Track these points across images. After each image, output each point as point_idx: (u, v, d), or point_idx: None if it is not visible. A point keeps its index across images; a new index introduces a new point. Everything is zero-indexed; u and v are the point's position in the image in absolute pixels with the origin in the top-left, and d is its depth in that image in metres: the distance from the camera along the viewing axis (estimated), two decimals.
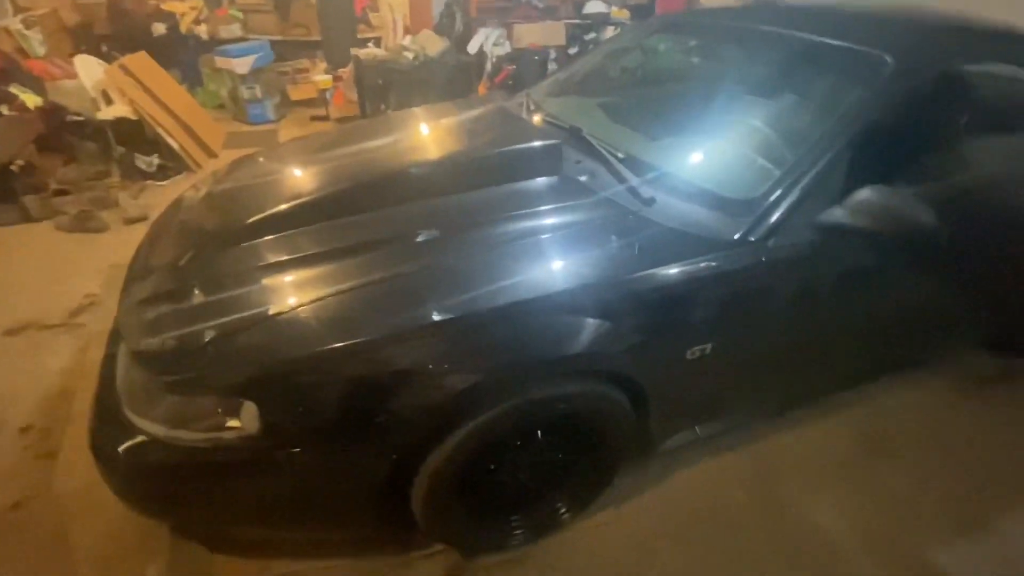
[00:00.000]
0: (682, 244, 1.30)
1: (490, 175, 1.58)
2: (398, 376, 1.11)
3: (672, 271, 1.25)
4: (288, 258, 1.33)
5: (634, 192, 1.44)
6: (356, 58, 3.96)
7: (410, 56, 3.81)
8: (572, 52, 4.12)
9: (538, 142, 1.70)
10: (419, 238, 1.35)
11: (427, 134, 2.03)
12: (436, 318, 1.12)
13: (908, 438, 1.93)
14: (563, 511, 1.48)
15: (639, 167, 1.53)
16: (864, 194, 1.29)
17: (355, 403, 1.11)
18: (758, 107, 1.61)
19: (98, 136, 3.72)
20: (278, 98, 5.22)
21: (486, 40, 3.95)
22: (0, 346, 2.28)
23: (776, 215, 1.33)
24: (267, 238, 1.42)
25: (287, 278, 1.28)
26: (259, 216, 1.49)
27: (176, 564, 1.45)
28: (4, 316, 2.42)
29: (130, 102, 3.67)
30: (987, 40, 1.74)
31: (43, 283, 2.69)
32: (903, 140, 1.56)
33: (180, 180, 3.74)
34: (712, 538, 1.58)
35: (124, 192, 3.48)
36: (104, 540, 1.51)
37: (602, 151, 1.59)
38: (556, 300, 1.19)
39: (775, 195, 1.34)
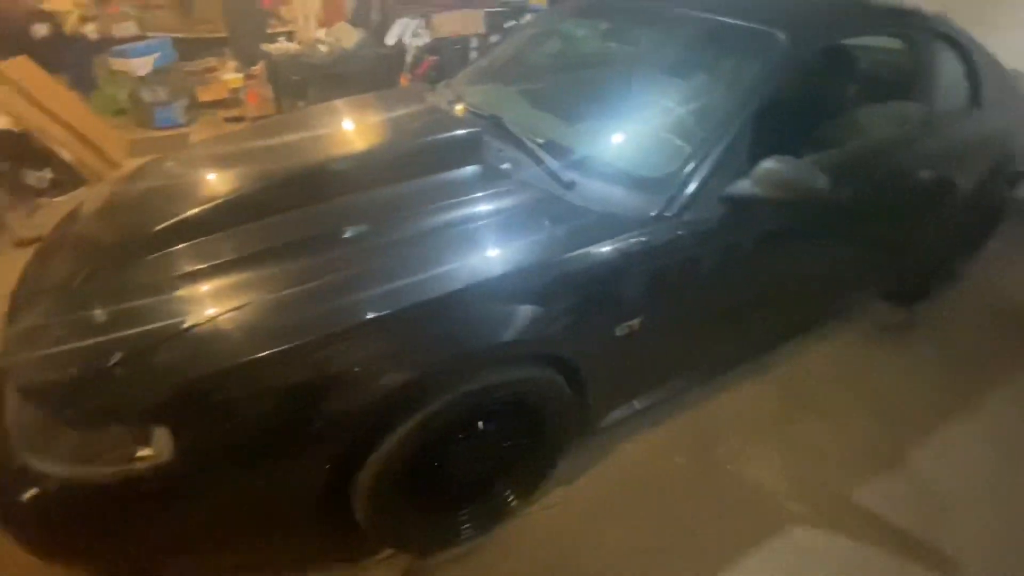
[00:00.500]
0: (603, 224, 1.33)
1: (413, 167, 1.55)
2: (330, 380, 1.07)
3: (595, 251, 1.28)
4: (204, 266, 1.25)
5: (555, 177, 1.46)
6: (267, 54, 3.76)
7: (325, 50, 3.66)
8: (493, 40, 4.09)
9: (459, 132, 1.68)
10: (346, 234, 1.30)
11: (347, 128, 1.96)
12: (367, 316, 1.09)
13: (827, 390, 2.09)
14: (511, 499, 1.49)
15: (559, 152, 1.55)
16: (767, 164, 1.37)
17: (283, 414, 1.06)
18: (668, 87, 1.67)
19: None
20: (187, 100, 4.88)
21: (405, 30, 3.85)
22: None
23: (688, 190, 1.38)
24: (178, 247, 1.32)
25: (203, 288, 1.20)
26: (167, 223, 1.38)
27: None
28: None
29: (12, 112, 3.31)
30: (871, 16, 1.88)
31: None
32: (800, 111, 1.67)
33: (80, 195, 3.43)
34: (657, 504, 1.65)
35: (13, 212, 3.15)
36: None
37: (522, 139, 1.60)
38: (485, 288, 1.19)
39: (686, 171, 1.40)
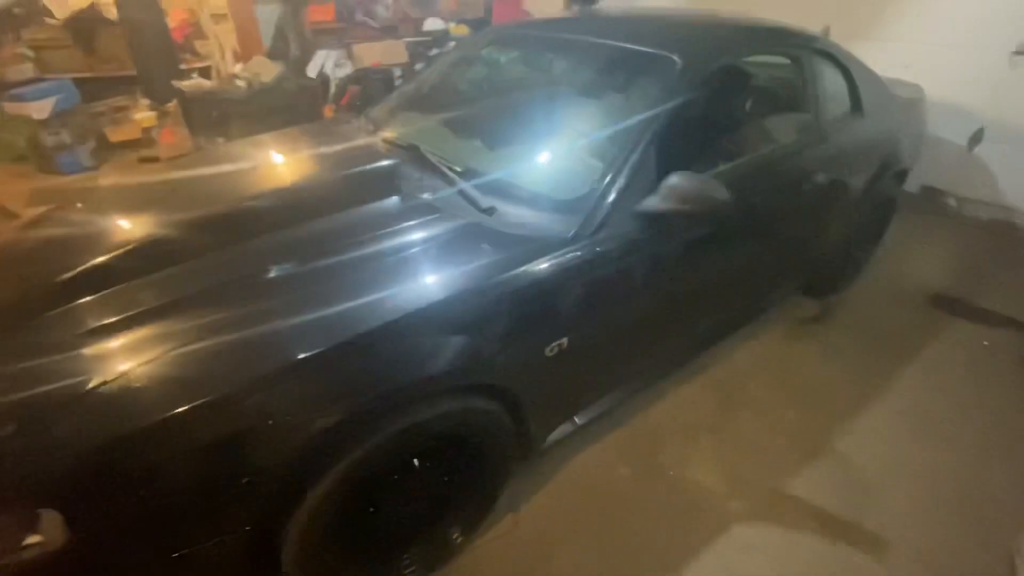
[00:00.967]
0: (523, 248, 1.35)
1: (331, 203, 1.52)
2: (248, 434, 1.01)
3: (517, 275, 1.29)
4: (114, 319, 1.16)
5: (475, 204, 1.47)
6: (180, 92, 3.62)
7: (242, 84, 3.56)
8: (418, 68, 4.13)
9: (376, 164, 1.67)
10: (257, 275, 1.26)
11: (265, 164, 1.90)
12: (285, 361, 1.05)
13: (757, 386, 2.19)
14: (456, 535, 1.46)
15: (478, 179, 1.57)
16: (671, 181, 1.44)
17: (196, 478, 0.99)
18: (579, 111, 1.73)
19: None
20: (94, 142, 4.60)
21: (326, 62, 3.81)
22: None
23: (602, 209, 1.43)
24: (85, 299, 1.23)
25: (112, 343, 1.11)
26: (71, 273, 1.28)
27: None
28: None
29: None
30: (757, 37, 2.04)
31: None
32: (703, 127, 1.78)
33: None
34: (606, 519, 1.66)
35: None
36: None
37: (441, 167, 1.61)
38: (406, 323, 1.17)
39: (599, 191, 1.45)
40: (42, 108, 4.03)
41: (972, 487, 1.80)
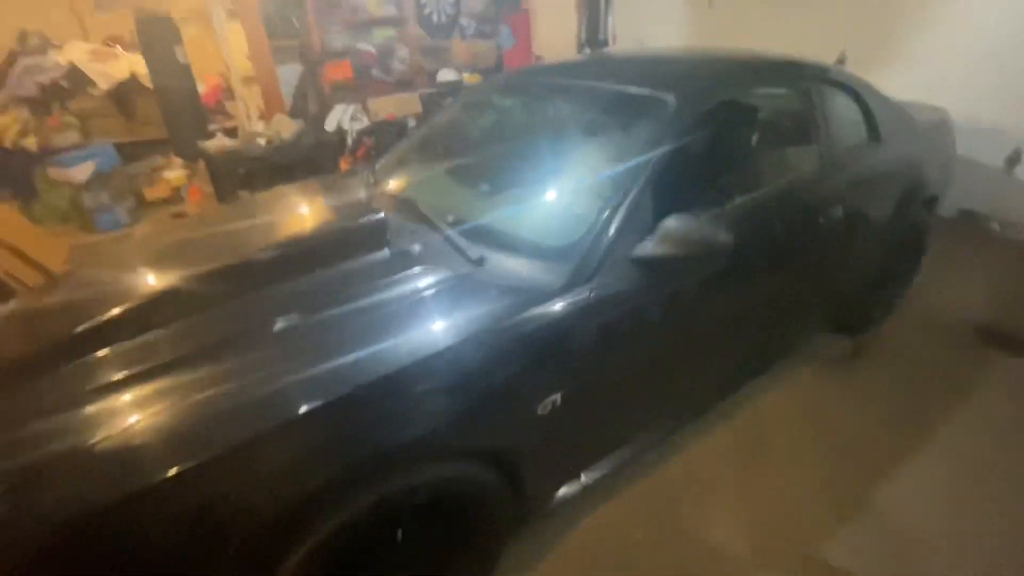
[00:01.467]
0: (511, 300, 1.29)
1: (317, 260, 1.51)
2: (219, 505, 0.96)
3: (502, 330, 1.23)
4: (118, 376, 1.16)
5: (464, 254, 1.43)
6: (204, 151, 3.81)
7: (263, 142, 3.72)
8: (412, 123, 4.23)
9: (364, 219, 1.66)
10: (242, 335, 1.25)
11: (260, 222, 1.92)
12: (256, 430, 1.01)
13: (783, 433, 2.03)
14: None
15: (469, 229, 1.53)
16: (668, 223, 1.37)
17: (170, 548, 0.95)
18: (572, 156, 1.70)
19: None
20: (132, 201, 4.87)
21: (343, 116, 3.96)
22: None
23: (594, 257, 1.37)
24: (93, 355, 1.24)
25: (110, 402, 1.10)
26: (83, 328, 1.31)
27: None
28: None
29: None
30: (756, 72, 1.98)
31: None
32: (702, 167, 1.71)
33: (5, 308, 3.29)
34: None
35: None
36: None
37: (432, 218, 1.58)
38: (381, 385, 1.12)
39: (591, 238, 1.39)
40: (82, 172, 4.30)
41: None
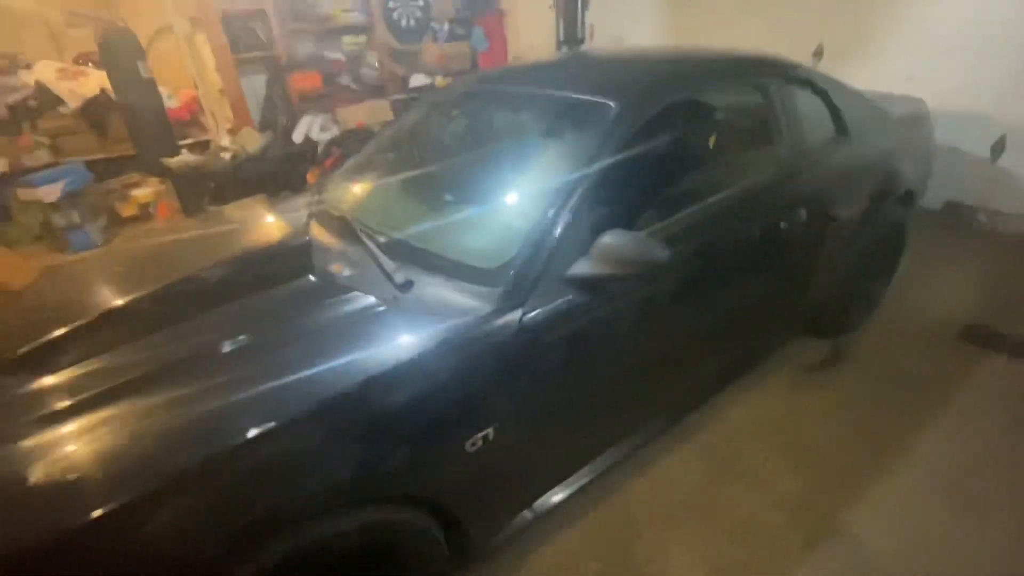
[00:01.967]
0: (432, 329, 1.20)
1: (235, 289, 1.43)
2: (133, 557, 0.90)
3: (422, 363, 1.15)
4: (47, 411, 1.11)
5: (392, 278, 1.34)
6: (167, 168, 3.73)
7: (227, 157, 3.64)
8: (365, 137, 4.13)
9: (289, 243, 1.58)
10: (148, 374, 1.17)
11: (200, 246, 1.84)
12: (160, 480, 0.95)
13: (753, 450, 1.93)
14: None
15: (401, 250, 1.45)
16: (604, 240, 1.28)
17: None
18: (509, 170, 1.61)
19: None
20: (104, 220, 4.79)
21: (311, 127, 3.88)
22: None
23: (527, 278, 1.27)
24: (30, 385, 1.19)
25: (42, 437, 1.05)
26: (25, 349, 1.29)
27: None
28: None
29: None
30: (709, 72, 1.88)
31: None
32: (650, 175, 1.61)
33: None
34: None
35: None
36: None
37: (364, 239, 1.49)
38: (288, 428, 1.03)
39: (522, 258, 1.30)
40: (50, 192, 4.22)
41: (1018, 573, 1.49)
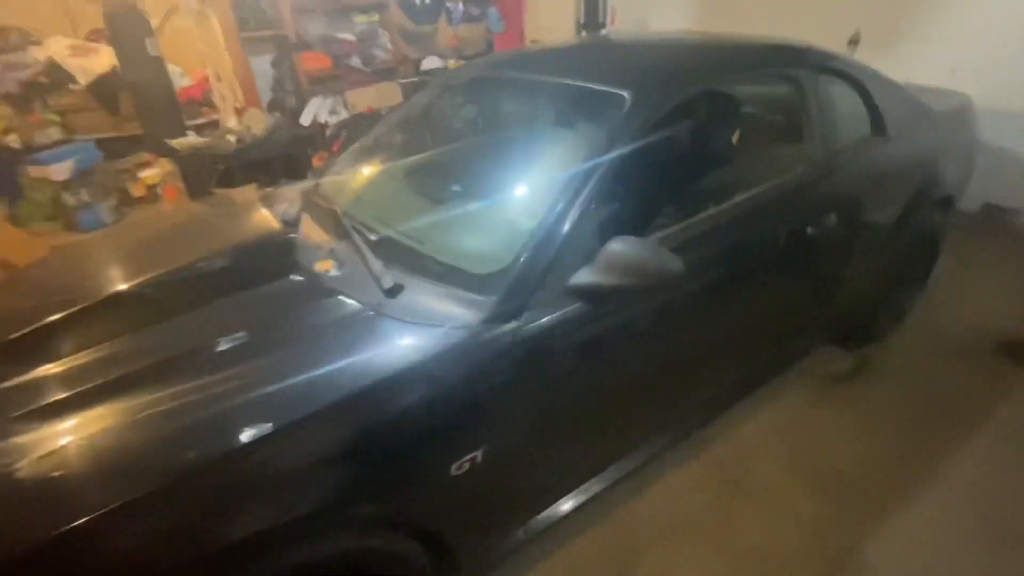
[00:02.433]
0: (419, 341, 1.10)
1: (213, 288, 1.34)
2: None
3: (405, 379, 1.04)
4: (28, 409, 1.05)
5: (379, 282, 1.24)
6: (171, 149, 3.66)
7: (233, 139, 3.56)
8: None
9: (277, 237, 1.48)
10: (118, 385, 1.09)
11: (167, 239, 1.74)
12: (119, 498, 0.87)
13: (769, 468, 1.81)
14: None
15: (392, 249, 1.34)
16: (612, 248, 1.15)
17: None
18: (513, 165, 1.48)
19: None
20: (114, 199, 4.77)
21: (319, 110, 3.77)
22: None
23: (525, 287, 1.16)
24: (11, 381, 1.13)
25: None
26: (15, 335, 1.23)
27: None
28: None
29: None
30: (738, 60, 1.72)
31: None
32: (671, 173, 1.48)
33: None
34: None
35: None
36: None
37: (354, 236, 1.39)
38: (258, 450, 0.94)
39: (521, 264, 1.18)
40: (60, 170, 4.20)
41: None
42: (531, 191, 1.36)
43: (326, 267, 1.35)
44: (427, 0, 4.50)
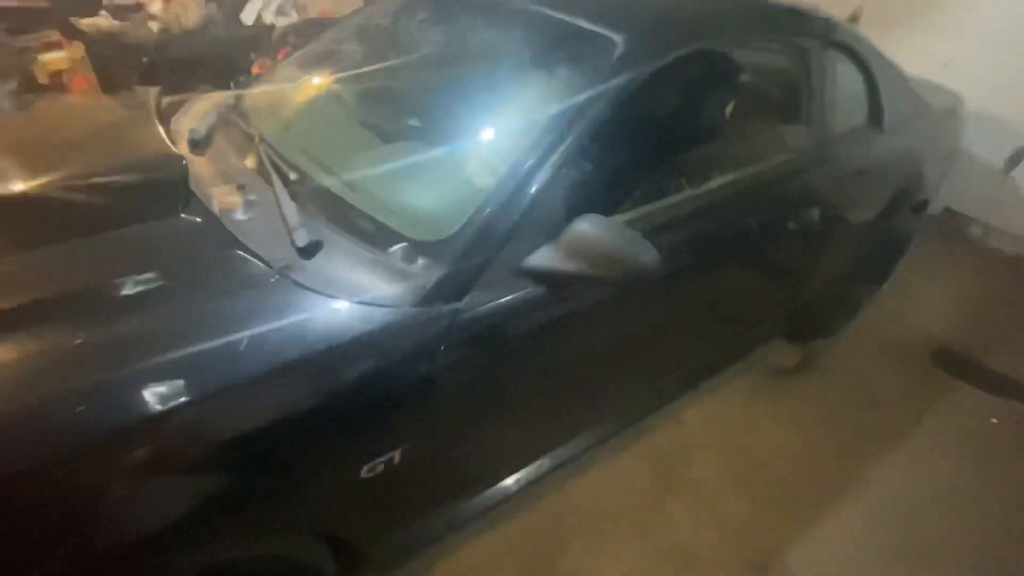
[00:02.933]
0: (330, 319, 0.89)
1: (94, 218, 1.07)
2: None
3: (307, 366, 0.84)
4: None
5: (291, 236, 1.00)
6: (79, 31, 3.08)
7: (155, 28, 3.03)
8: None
9: (174, 163, 1.19)
10: None
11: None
12: None
13: (704, 462, 1.77)
14: None
15: (316, 195, 1.10)
16: (579, 228, 0.97)
17: None
18: (476, 109, 1.24)
19: None
20: (15, 83, 4.07)
21: (265, 8, 3.26)
22: None
23: (473, 263, 0.96)
24: None
25: None
26: None
27: None
28: None
29: None
30: (750, 18, 1.49)
31: None
32: (645, 142, 1.28)
33: None
34: None
35: None
36: None
37: (271, 171, 1.13)
38: (115, 441, 0.73)
39: (472, 234, 0.98)
40: None
41: None
42: (492, 144, 1.13)
43: (229, 206, 1.10)
44: None
